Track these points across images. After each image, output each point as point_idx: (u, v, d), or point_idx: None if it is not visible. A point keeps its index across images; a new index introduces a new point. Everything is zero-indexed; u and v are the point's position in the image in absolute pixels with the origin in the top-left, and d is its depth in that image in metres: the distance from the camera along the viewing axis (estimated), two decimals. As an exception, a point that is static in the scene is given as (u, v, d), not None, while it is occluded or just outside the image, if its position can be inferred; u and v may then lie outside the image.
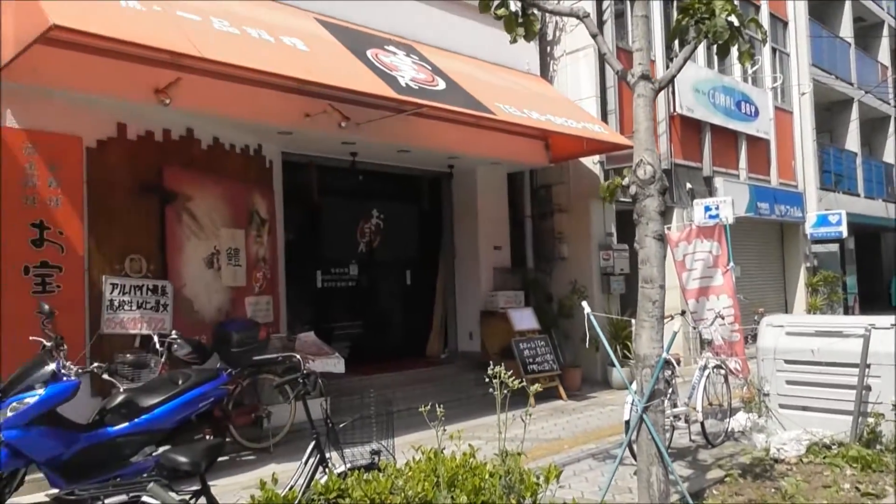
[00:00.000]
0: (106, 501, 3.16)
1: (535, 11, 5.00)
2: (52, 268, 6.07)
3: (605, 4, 11.22)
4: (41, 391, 4.76)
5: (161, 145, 7.00)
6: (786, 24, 16.86)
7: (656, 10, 12.27)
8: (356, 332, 11.07)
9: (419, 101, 7.27)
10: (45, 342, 5.13)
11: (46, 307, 5.27)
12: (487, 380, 3.71)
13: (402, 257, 11.54)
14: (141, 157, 6.81)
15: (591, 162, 11.02)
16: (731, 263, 7.98)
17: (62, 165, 6.16)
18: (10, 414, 4.68)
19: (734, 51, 4.74)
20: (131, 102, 6.41)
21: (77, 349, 5.97)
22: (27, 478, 5.07)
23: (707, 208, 11.34)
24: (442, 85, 7.86)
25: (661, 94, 5.00)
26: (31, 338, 5.25)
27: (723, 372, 7.20)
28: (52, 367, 4.88)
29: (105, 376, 5.52)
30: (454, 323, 11.36)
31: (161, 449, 5.26)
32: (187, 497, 3.39)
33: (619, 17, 11.74)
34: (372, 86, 6.87)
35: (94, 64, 5.97)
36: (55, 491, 4.96)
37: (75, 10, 5.13)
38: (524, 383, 3.76)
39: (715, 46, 4.73)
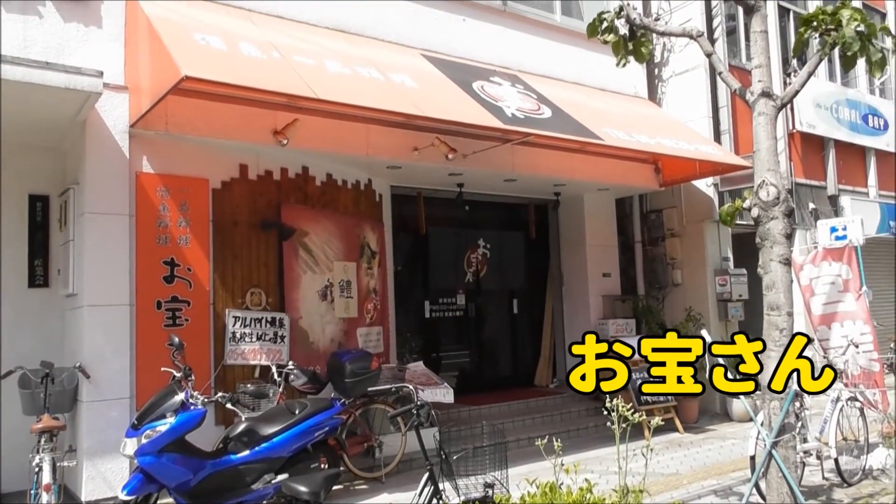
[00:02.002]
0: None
1: (645, 34, 4.91)
2: (181, 302, 6.44)
3: (715, 22, 10.91)
4: (172, 419, 5.02)
5: (279, 183, 7.33)
6: (915, 30, 15.75)
7: (772, 24, 11.78)
8: (464, 362, 11.07)
9: (525, 130, 7.28)
10: (174, 373, 5.42)
11: (176, 340, 5.58)
12: (605, 412, 3.60)
13: (508, 286, 11.48)
14: (261, 196, 7.15)
15: (705, 184, 10.63)
16: (864, 287, 7.44)
17: (191, 206, 6.56)
18: (144, 441, 4.96)
19: (860, 62, 4.46)
20: (252, 144, 6.77)
21: (203, 379, 6.28)
22: (158, 503, 5.35)
23: (833, 229, 10.64)
24: (548, 113, 7.84)
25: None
26: (162, 368, 5.57)
27: (858, 404, 6.69)
28: (181, 396, 5.14)
29: (228, 405, 5.76)
30: (563, 352, 11.15)
31: (280, 477, 5.42)
32: (307, 526, 3.47)
33: (731, 34, 11.36)
34: (479, 117, 6.94)
35: (219, 110, 6.36)
36: (185, 516, 5.21)
37: (204, 61, 5.50)
38: (643, 416, 3.62)
39: (839, 58, 4.48)
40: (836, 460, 6.21)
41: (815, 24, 4.37)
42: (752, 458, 5.51)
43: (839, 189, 12.82)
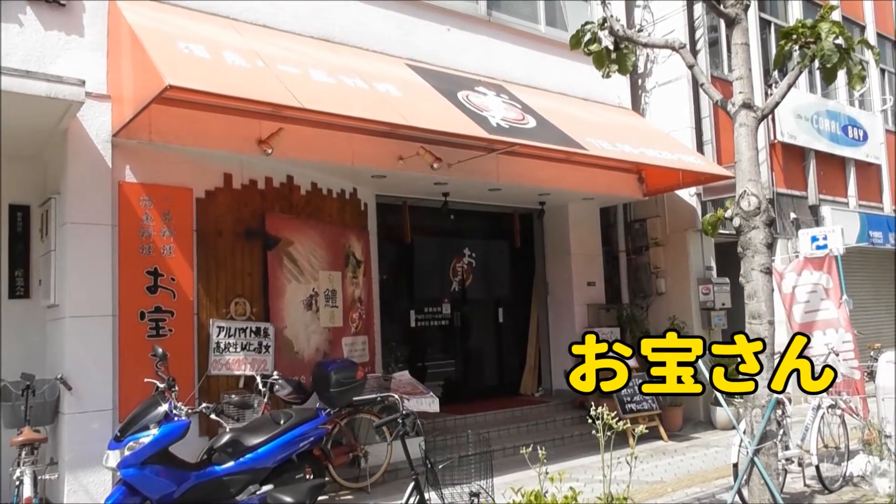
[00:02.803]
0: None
1: (628, 45, 4.96)
2: (164, 312, 6.38)
3: (698, 34, 11.05)
4: (155, 431, 4.97)
5: (263, 193, 7.29)
6: (894, 42, 16.04)
7: (753, 36, 11.93)
8: (449, 371, 11.07)
9: (510, 140, 7.32)
10: (158, 384, 5.37)
11: (160, 350, 5.53)
12: (590, 420, 3.62)
13: (494, 295, 11.51)
14: (245, 205, 7.11)
15: (688, 194, 10.73)
16: (845, 296, 7.53)
17: (174, 216, 6.51)
18: (127, 453, 4.91)
19: (840, 74, 4.54)
20: (237, 153, 6.75)
21: (187, 390, 6.23)
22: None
23: (814, 238, 10.75)
24: (532, 123, 7.88)
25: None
26: (145, 380, 5.52)
27: (838, 412, 6.77)
28: (164, 407, 5.09)
29: (212, 416, 5.72)
30: (548, 361, 11.19)
31: (264, 487, 5.38)
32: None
33: (713, 45, 11.50)
34: (464, 127, 6.97)
35: (203, 119, 6.34)
36: (168, 528, 5.15)
37: (187, 70, 5.49)
38: (628, 425, 3.65)
39: (818, 70, 4.55)
40: (817, 467, 6.27)
41: (794, 37, 4.44)
42: (735, 465, 5.54)
43: (820, 199, 12.98)
